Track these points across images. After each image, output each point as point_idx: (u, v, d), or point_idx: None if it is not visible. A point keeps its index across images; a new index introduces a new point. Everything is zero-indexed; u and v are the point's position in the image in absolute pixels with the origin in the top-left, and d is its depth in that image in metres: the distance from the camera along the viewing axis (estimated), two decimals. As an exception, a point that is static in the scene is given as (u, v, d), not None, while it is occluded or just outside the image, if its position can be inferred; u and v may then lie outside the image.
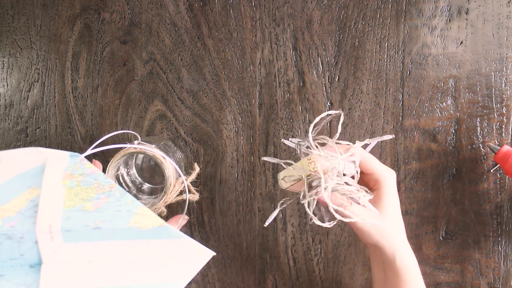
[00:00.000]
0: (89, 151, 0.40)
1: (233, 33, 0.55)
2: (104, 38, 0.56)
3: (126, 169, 0.50)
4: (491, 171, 0.53)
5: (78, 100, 0.57)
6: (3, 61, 0.57)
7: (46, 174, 0.35)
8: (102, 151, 0.54)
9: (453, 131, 0.54)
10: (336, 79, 0.55)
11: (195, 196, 0.49)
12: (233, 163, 0.56)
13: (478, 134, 0.54)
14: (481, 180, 0.54)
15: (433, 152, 0.54)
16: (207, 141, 0.56)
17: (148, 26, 0.56)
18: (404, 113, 0.54)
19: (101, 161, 0.48)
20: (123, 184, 0.49)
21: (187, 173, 0.50)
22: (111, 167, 0.45)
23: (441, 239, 0.55)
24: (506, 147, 0.50)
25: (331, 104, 0.55)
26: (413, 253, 0.42)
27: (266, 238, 0.56)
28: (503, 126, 0.53)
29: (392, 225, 0.41)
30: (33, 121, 0.58)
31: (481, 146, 0.54)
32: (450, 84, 0.54)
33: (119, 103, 0.57)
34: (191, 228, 0.57)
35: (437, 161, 0.54)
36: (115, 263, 0.36)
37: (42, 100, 0.57)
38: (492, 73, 0.53)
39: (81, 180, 0.35)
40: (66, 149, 0.58)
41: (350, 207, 0.39)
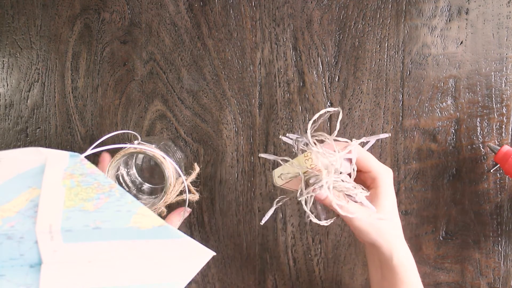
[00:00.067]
0: (89, 151, 0.40)
1: (233, 33, 0.55)
2: (104, 38, 0.56)
3: (126, 169, 0.51)
4: (491, 171, 0.53)
5: (78, 100, 0.57)
6: (3, 61, 0.57)
7: (46, 174, 0.35)
8: (102, 151, 0.54)
9: (453, 131, 0.54)
10: (336, 79, 0.55)
11: (195, 196, 0.49)
12: (233, 163, 0.56)
13: (478, 134, 0.54)
14: (481, 180, 0.54)
15: (433, 152, 0.54)
16: (207, 141, 0.56)
17: (148, 26, 0.56)
18: (404, 113, 0.54)
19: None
20: (123, 184, 0.49)
21: (187, 173, 0.50)
22: (111, 167, 0.46)
23: (441, 239, 0.55)
24: (506, 147, 0.50)
25: (331, 104, 0.55)
26: (410, 252, 0.42)
27: (266, 238, 0.56)
28: (503, 126, 0.53)
29: (390, 224, 0.41)
30: (33, 121, 0.58)
31: (481, 146, 0.54)
32: (450, 84, 0.54)
33: (119, 103, 0.57)
34: (191, 228, 0.57)
35: (437, 161, 0.54)
36: (115, 263, 0.36)
37: (42, 100, 0.57)
38: (492, 73, 0.53)
39: (81, 180, 0.35)
40: (66, 149, 0.58)
41: (347, 205, 0.39)
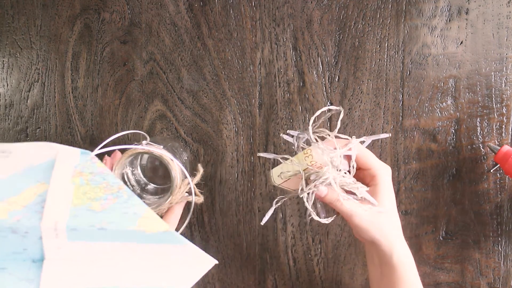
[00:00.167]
0: (99, 150, 0.40)
1: (233, 33, 0.55)
2: (104, 38, 0.56)
3: (131, 169, 0.50)
4: (491, 171, 0.53)
5: (78, 100, 0.57)
6: (3, 61, 0.57)
7: (56, 170, 0.35)
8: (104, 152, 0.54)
9: (453, 131, 0.54)
10: (336, 79, 0.55)
11: (200, 198, 0.49)
12: (233, 163, 0.56)
13: (478, 134, 0.54)
14: (481, 180, 0.54)
15: (433, 152, 0.54)
16: (207, 141, 0.56)
17: (148, 26, 0.56)
18: (404, 113, 0.54)
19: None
20: (128, 183, 0.49)
21: (192, 175, 0.50)
22: (118, 167, 0.45)
23: (441, 239, 0.55)
24: (506, 147, 0.50)
25: (331, 104, 0.55)
26: (409, 250, 0.42)
27: (266, 238, 0.56)
28: (503, 126, 0.53)
29: (389, 221, 0.41)
30: (33, 121, 0.58)
31: (481, 146, 0.54)
32: (450, 84, 0.54)
33: (119, 103, 0.57)
34: (191, 228, 0.57)
35: (437, 161, 0.54)
36: (118, 265, 0.36)
37: (42, 100, 0.57)
38: (492, 73, 0.53)
39: (90, 179, 0.35)
40: (66, 149, 0.58)
41: (346, 202, 0.39)
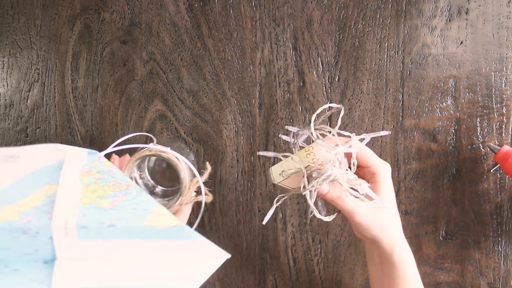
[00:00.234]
0: (109, 149, 0.40)
1: (233, 33, 0.55)
2: (104, 38, 0.56)
3: (139, 172, 0.50)
4: (491, 171, 0.53)
5: (78, 100, 0.57)
6: (3, 61, 0.57)
7: (64, 171, 0.35)
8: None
9: (453, 131, 0.54)
10: (336, 79, 0.55)
11: (209, 198, 0.48)
12: (233, 163, 0.56)
13: (478, 134, 0.54)
14: (481, 180, 0.54)
15: (433, 152, 0.54)
16: (207, 141, 0.56)
17: (148, 26, 0.56)
18: (404, 113, 0.54)
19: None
20: None
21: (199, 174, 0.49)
22: (126, 170, 0.45)
23: (441, 239, 0.55)
24: (506, 147, 0.50)
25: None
26: (410, 248, 0.42)
27: (266, 238, 0.56)
28: (503, 126, 0.53)
29: (390, 219, 0.41)
30: (33, 121, 0.58)
31: (481, 146, 0.54)
32: (450, 84, 0.54)
33: (119, 103, 0.57)
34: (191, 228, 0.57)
35: (437, 161, 0.54)
36: (129, 262, 0.36)
37: (42, 100, 0.57)
38: (492, 73, 0.53)
39: (99, 178, 0.35)
40: (66, 149, 0.58)
41: (348, 200, 0.39)
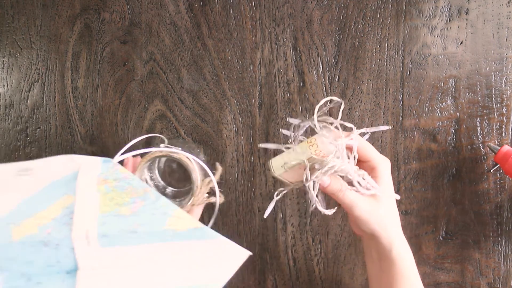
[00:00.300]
0: (119, 157, 0.40)
1: (233, 33, 0.55)
2: (104, 38, 0.56)
3: (149, 173, 0.50)
4: (491, 171, 0.53)
5: (78, 100, 0.57)
6: (3, 61, 0.57)
7: (80, 181, 0.35)
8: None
9: (453, 131, 0.54)
10: (336, 79, 0.54)
11: (221, 198, 0.48)
12: (233, 163, 0.56)
13: (478, 134, 0.54)
14: (481, 180, 0.54)
15: (433, 152, 0.54)
16: (207, 141, 0.56)
17: (148, 26, 0.56)
18: (404, 113, 0.54)
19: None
20: None
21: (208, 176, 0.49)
22: (138, 171, 0.44)
23: (441, 239, 0.55)
24: (506, 147, 0.50)
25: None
26: (408, 245, 0.42)
27: (266, 238, 0.56)
28: (503, 126, 0.53)
29: (389, 214, 0.41)
30: (33, 121, 0.58)
31: (481, 146, 0.54)
32: (450, 84, 0.54)
33: (119, 103, 0.57)
34: (191, 228, 0.57)
35: (437, 161, 0.54)
36: (151, 267, 0.36)
37: (42, 100, 0.57)
38: (492, 73, 0.53)
39: (116, 185, 0.35)
40: (66, 149, 0.58)
41: (348, 193, 0.39)
